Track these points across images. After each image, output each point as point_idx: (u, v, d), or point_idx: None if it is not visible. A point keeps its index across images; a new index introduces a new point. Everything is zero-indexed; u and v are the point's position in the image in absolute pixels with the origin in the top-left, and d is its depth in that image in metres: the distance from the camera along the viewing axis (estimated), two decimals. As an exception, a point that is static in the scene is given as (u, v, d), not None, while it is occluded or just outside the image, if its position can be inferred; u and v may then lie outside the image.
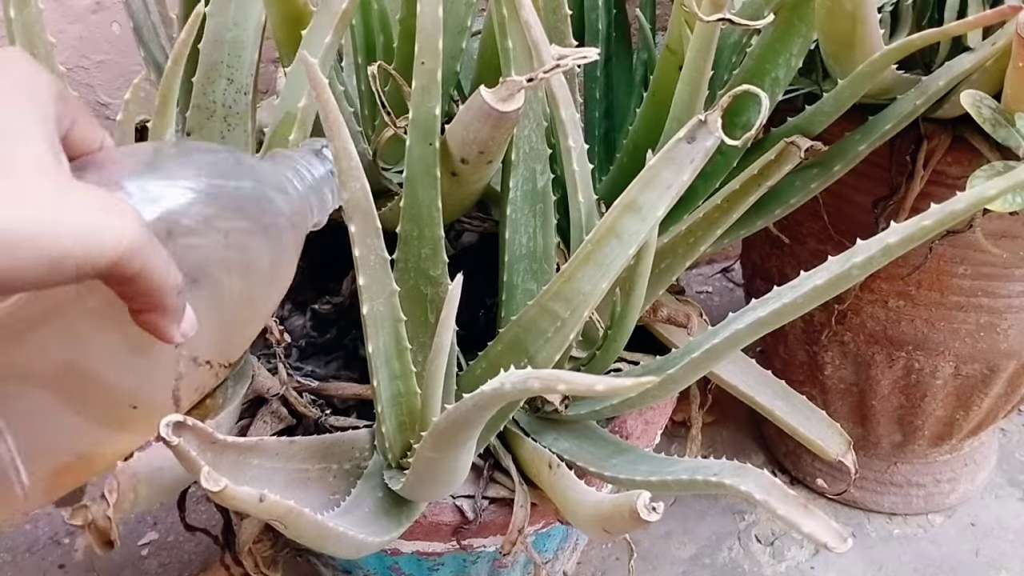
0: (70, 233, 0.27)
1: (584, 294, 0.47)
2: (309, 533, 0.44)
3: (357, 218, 0.43)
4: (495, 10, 0.52)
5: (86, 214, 0.28)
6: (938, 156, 0.65)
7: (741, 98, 0.44)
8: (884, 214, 0.68)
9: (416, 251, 0.52)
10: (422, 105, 0.47)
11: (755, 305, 0.48)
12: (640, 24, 0.70)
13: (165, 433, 0.38)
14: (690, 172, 0.45)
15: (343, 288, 0.67)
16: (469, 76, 0.67)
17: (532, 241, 0.56)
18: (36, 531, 0.89)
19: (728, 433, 1.01)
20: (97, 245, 0.28)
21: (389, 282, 0.47)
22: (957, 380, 0.78)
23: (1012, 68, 0.53)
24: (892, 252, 0.42)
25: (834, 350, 0.81)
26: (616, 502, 0.45)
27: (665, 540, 0.89)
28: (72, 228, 0.28)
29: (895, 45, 0.53)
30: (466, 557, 0.62)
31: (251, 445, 0.47)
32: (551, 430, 0.59)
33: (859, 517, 0.93)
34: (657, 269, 0.59)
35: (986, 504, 0.94)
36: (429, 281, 0.53)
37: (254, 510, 0.40)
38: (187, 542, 0.88)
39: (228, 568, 0.60)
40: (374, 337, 0.48)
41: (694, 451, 0.69)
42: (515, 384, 0.35)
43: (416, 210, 0.50)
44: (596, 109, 0.73)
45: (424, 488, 0.52)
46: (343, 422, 0.58)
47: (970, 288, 0.71)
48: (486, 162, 0.50)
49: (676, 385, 0.53)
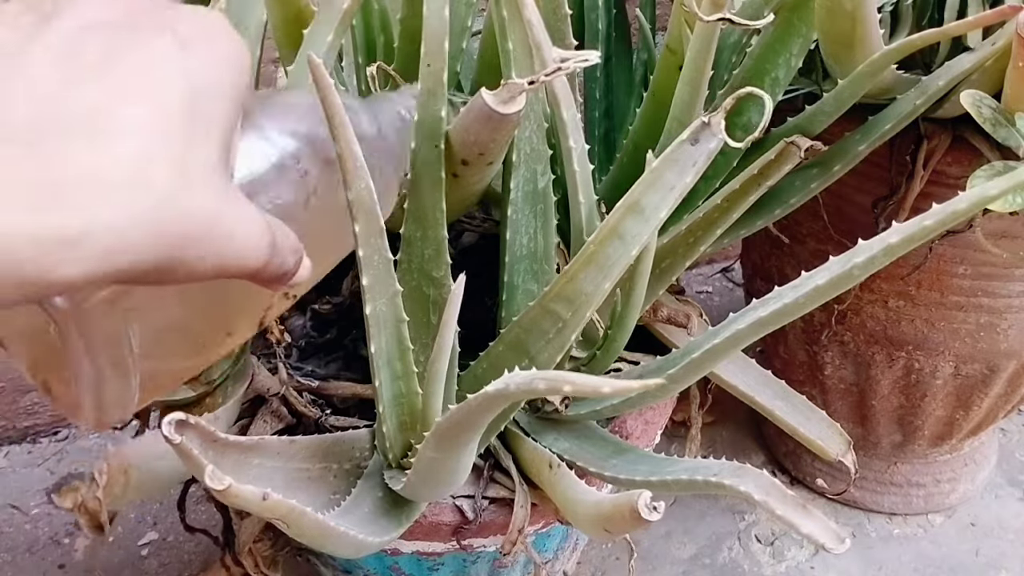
0: (226, 250, 0.28)
1: (586, 295, 0.48)
2: (310, 532, 0.44)
3: (361, 218, 0.43)
4: (495, 11, 0.52)
5: (241, 228, 0.28)
6: (938, 156, 0.65)
7: (741, 98, 0.44)
8: (884, 214, 0.68)
9: (419, 252, 0.52)
10: (428, 107, 0.47)
11: (755, 305, 0.48)
12: (640, 24, 0.70)
13: (167, 431, 0.38)
14: (693, 174, 0.45)
15: (343, 288, 0.67)
16: (469, 76, 0.67)
17: (533, 242, 0.56)
18: (36, 531, 0.89)
19: (728, 433, 1.01)
20: (244, 260, 0.29)
21: (393, 283, 0.47)
22: (957, 380, 0.78)
23: (1012, 68, 0.53)
24: (894, 252, 0.42)
25: (834, 350, 0.81)
26: (616, 502, 0.45)
27: (665, 540, 0.89)
28: (229, 245, 0.28)
29: (895, 45, 0.53)
30: (466, 557, 0.62)
31: (252, 444, 0.47)
32: (551, 430, 0.59)
33: (859, 517, 0.93)
34: (657, 269, 0.59)
35: (986, 504, 0.94)
36: (432, 282, 0.53)
37: (257, 509, 0.40)
38: (187, 542, 0.88)
39: (228, 568, 0.61)
40: (376, 337, 0.48)
41: (694, 451, 0.69)
42: (520, 385, 0.35)
43: (420, 212, 0.50)
44: (596, 109, 0.73)
45: (425, 488, 0.52)
46: (343, 422, 0.58)
47: (970, 288, 0.71)
48: (487, 163, 0.50)
49: (676, 385, 0.53)
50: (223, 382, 0.58)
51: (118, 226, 0.24)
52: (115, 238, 0.24)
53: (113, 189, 0.24)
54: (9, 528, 0.89)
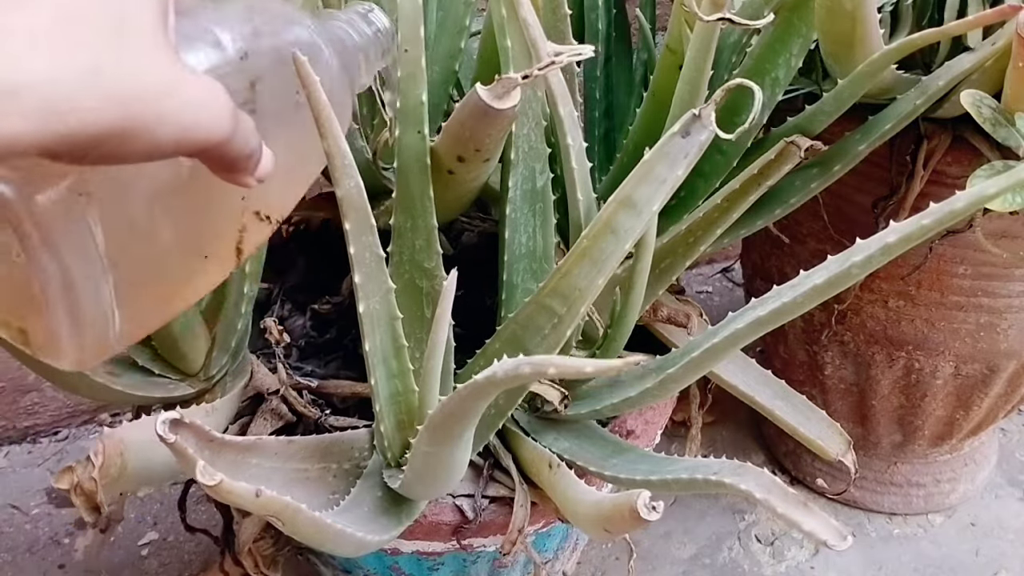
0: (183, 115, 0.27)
1: (580, 290, 0.47)
2: (307, 530, 0.44)
3: (351, 215, 0.43)
4: (494, 10, 0.52)
5: (197, 95, 0.28)
6: (938, 156, 0.65)
7: (740, 97, 0.44)
8: (884, 214, 0.68)
9: (410, 243, 0.52)
10: (409, 93, 0.47)
11: (755, 305, 0.48)
12: (640, 24, 0.70)
13: (161, 430, 0.38)
14: (684, 167, 0.45)
15: (343, 288, 0.67)
16: (469, 76, 0.67)
17: (532, 240, 0.56)
18: (36, 531, 0.89)
19: (728, 433, 1.01)
20: (206, 129, 0.28)
21: (385, 279, 0.47)
22: (957, 380, 0.78)
23: (1012, 68, 0.53)
24: (891, 251, 0.42)
25: (834, 350, 0.81)
26: (616, 501, 0.45)
27: (665, 540, 0.89)
28: (185, 112, 0.27)
29: (895, 45, 0.53)
30: (466, 557, 0.62)
31: (250, 444, 0.47)
32: (551, 430, 0.59)
33: (859, 517, 0.92)
34: (657, 269, 0.59)
35: (986, 504, 0.94)
36: (424, 274, 0.53)
37: (251, 505, 0.40)
38: (187, 542, 0.88)
39: (228, 568, 0.60)
40: (371, 335, 0.48)
41: (694, 451, 0.69)
42: (507, 371, 0.35)
43: (409, 201, 0.50)
44: (596, 109, 0.73)
45: (422, 485, 0.51)
46: (343, 422, 0.58)
47: (970, 288, 0.71)
48: (483, 160, 0.50)
49: (676, 384, 0.53)
50: (222, 378, 0.58)
51: (58, 78, 0.24)
52: (56, 92, 0.24)
53: (46, 41, 0.24)
54: (9, 528, 0.89)
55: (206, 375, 0.57)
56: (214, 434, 0.43)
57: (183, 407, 0.54)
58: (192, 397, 0.57)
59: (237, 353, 0.58)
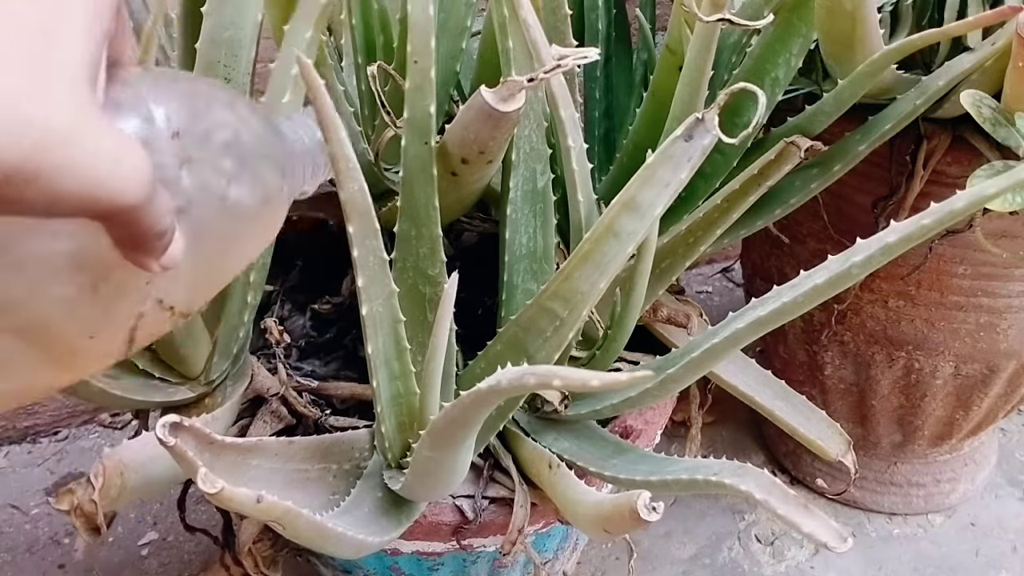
0: (95, 166, 0.25)
1: (582, 293, 0.47)
2: (308, 533, 0.44)
3: (355, 219, 0.43)
4: (495, 10, 0.51)
5: (113, 148, 0.25)
6: (938, 156, 0.65)
7: (741, 98, 0.44)
8: (884, 214, 0.68)
9: (414, 250, 0.52)
10: (417, 104, 0.47)
11: (755, 305, 0.48)
12: (640, 24, 0.70)
13: (161, 434, 0.38)
14: (688, 170, 0.45)
15: (343, 288, 0.67)
16: (469, 76, 0.67)
17: (532, 241, 0.56)
18: (36, 531, 0.89)
19: (728, 433, 1.01)
20: (117, 189, 0.25)
21: (388, 283, 0.47)
22: (957, 380, 0.78)
23: (1012, 68, 0.53)
24: (891, 251, 0.42)
25: (834, 350, 0.81)
26: (616, 502, 0.45)
27: (665, 540, 0.89)
28: (97, 164, 0.25)
29: (895, 45, 0.53)
30: (466, 557, 0.62)
31: (250, 446, 0.47)
32: (551, 430, 0.59)
33: (859, 517, 0.92)
34: (657, 269, 0.59)
35: (986, 504, 0.94)
36: (427, 280, 0.53)
37: (252, 511, 0.40)
38: (187, 542, 0.88)
39: (228, 568, 0.60)
40: (373, 338, 0.48)
41: (694, 451, 0.69)
42: (512, 380, 0.35)
43: (414, 209, 0.50)
44: (596, 109, 0.73)
45: (423, 488, 0.51)
46: (343, 422, 0.58)
47: (970, 288, 0.71)
48: (486, 162, 0.50)
49: (676, 385, 0.53)
50: (222, 382, 0.58)
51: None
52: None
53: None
54: (9, 528, 0.89)
55: (206, 379, 0.57)
56: (214, 436, 0.42)
57: (183, 411, 0.54)
58: (192, 401, 0.56)
59: (238, 358, 0.58)
